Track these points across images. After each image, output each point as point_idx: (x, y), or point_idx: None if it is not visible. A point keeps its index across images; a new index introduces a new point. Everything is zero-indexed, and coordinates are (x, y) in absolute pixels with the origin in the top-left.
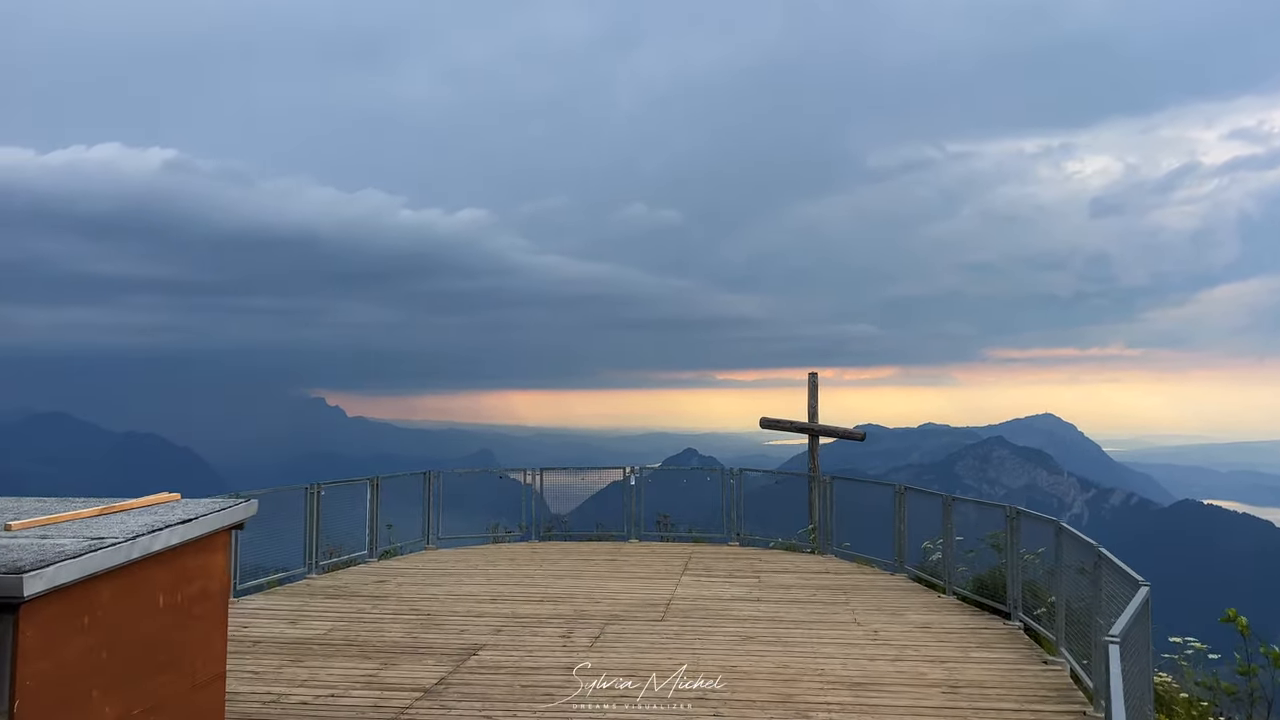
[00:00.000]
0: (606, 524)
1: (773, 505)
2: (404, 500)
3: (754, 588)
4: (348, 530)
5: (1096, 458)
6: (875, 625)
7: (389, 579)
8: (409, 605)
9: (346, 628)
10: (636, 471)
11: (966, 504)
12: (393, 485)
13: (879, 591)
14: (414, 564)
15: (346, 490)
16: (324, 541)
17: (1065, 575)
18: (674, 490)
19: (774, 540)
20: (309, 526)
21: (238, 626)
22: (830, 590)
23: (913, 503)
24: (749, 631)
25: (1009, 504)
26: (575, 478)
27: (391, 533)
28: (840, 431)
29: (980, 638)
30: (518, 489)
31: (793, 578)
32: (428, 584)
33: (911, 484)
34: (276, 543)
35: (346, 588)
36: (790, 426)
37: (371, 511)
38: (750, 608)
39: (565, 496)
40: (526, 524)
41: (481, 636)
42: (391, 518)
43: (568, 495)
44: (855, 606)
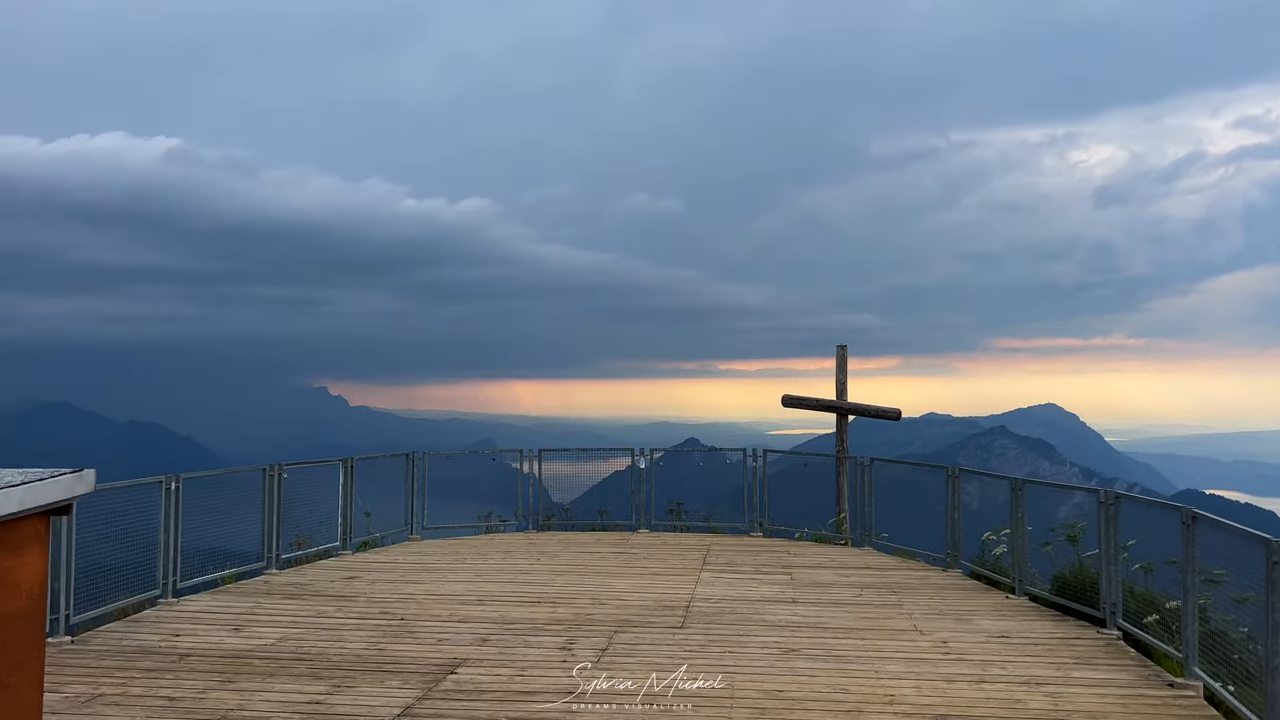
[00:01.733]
0: (613, 512)
1: (793, 491)
2: (386, 486)
3: (787, 586)
4: (320, 519)
5: (1099, 448)
6: (942, 634)
7: (361, 575)
8: (380, 608)
9: (300, 637)
10: (647, 454)
11: (1039, 487)
12: (373, 469)
13: (934, 591)
14: (393, 557)
15: (319, 474)
16: (289, 532)
17: (1197, 576)
18: (686, 476)
19: (800, 530)
20: (267, 514)
21: (167, 635)
22: (877, 590)
23: (967, 488)
24: (791, 642)
25: (1102, 487)
26: (578, 466)
27: (370, 522)
28: (871, 410)
29: (1075, 651)
30: (513, 474)
31: (830, 574)
32: (406, 581)
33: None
34: (232, 532)
35: (310, 586)
36: (816, 405)
37: (345, 498)
38: (786, 611)
39: (567, 485)
40: (523, 512)
41: (463, 648)
42: (372, 505)
43: (569, 484)
44: (911, 610)
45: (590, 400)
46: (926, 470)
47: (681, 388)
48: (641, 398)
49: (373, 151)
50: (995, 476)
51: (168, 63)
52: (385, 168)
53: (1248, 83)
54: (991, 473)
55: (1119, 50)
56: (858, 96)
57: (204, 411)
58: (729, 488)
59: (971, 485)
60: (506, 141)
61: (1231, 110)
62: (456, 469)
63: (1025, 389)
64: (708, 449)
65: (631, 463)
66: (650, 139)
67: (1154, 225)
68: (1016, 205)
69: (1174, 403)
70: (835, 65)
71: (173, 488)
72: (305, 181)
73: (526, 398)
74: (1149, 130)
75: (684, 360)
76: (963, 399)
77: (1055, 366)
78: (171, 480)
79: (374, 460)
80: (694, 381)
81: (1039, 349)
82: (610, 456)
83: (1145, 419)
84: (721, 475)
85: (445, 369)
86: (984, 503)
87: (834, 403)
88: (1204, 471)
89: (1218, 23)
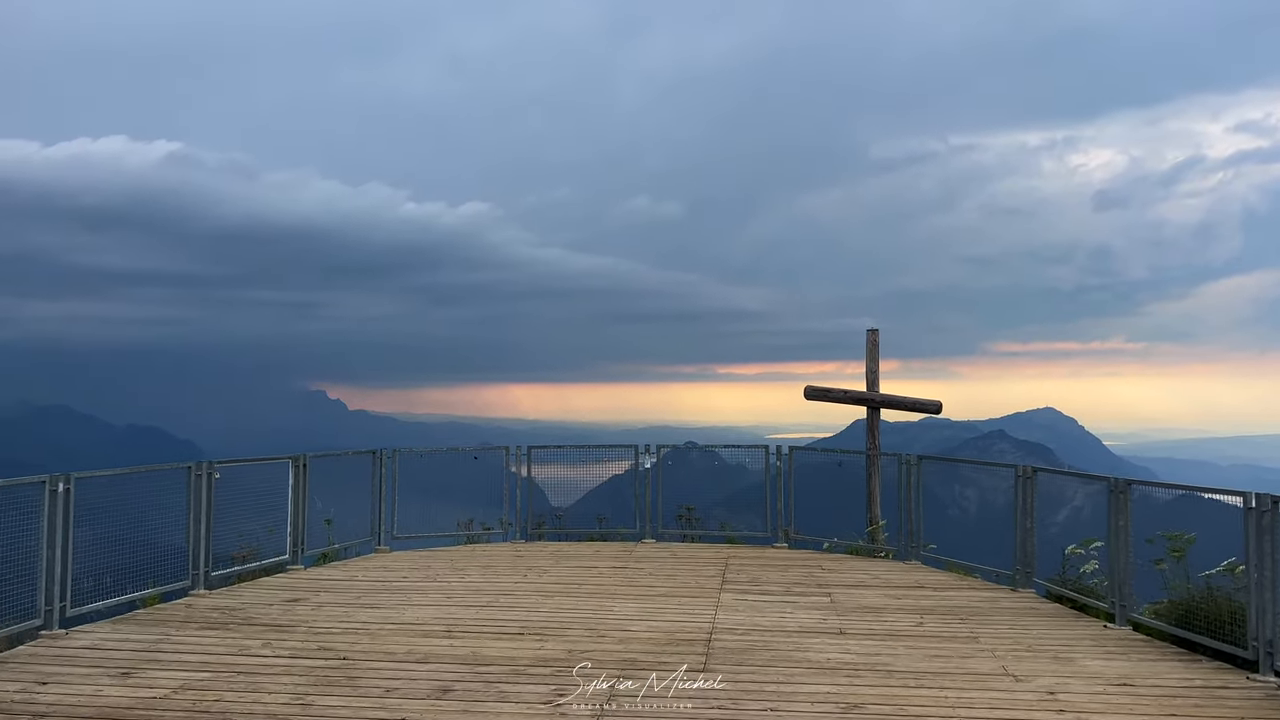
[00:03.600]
0: (613, 519)
1: (813, 495)
2: (355, 489)
3: (829, 612)
4: (275, 527)
5: (1097, 451)
6: (1042, 679)
7: (309, 597)
8: (321, 641)
9: (206, 685)
10: (653, 451)
11: (1148, 487)
12: (338, 470)
13: (1012, 618)
14: (353, 574)
15: (275, 473)
16: (224, 544)
17: None
18: (695, 479)
19: (830, 540)
20: (193, 522)
21: (28, 685)
22: (942, 616)
23: (965, 491)
24: (849, 693)
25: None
26: (574, 469)
27: (331, 531)
28: (909, 402)
29: (1230, 710)
30: (499, 476)
31: (878, 595)
32: (361, 605)
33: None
34: (153, 544)
35: (241, 612)
36: (844, 397)
37: (296, 503)
38: (835, 647)
39: (562, 489)
40: (509, 519)
41: (416, 702)
42: (337, 511)
43: (565, 488)
44: (993, 645)
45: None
46: (981, 471)
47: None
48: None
49: (373, 155)
50: (1084, 476)
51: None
52: (386, 171)
53: (1247, 86)
54: (1079, 471)
55: (1119, 54)
56: (857, 100)
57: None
58: (744, 491)
59: (970, 490)
60: (507, 145)
61: (1231, 114)
62: (435, 470)
63: (1024, 393)
64: (724, 446)
65: (635, 464)
66: (650, 143)
67: (1153, 229)
68: (1016, 209)
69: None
70: (835, 69)
71: (60, 489)
72: (306, 185)
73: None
74: (1149, 134)
75: (683, 364)
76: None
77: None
78: (59, 480)
79: (335, 458)
80: (693, 385)
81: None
82: (609, 457)
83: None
84: (735, 478)
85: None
86: (983, 507)
87: (864, 394)
88: (1202, 476)
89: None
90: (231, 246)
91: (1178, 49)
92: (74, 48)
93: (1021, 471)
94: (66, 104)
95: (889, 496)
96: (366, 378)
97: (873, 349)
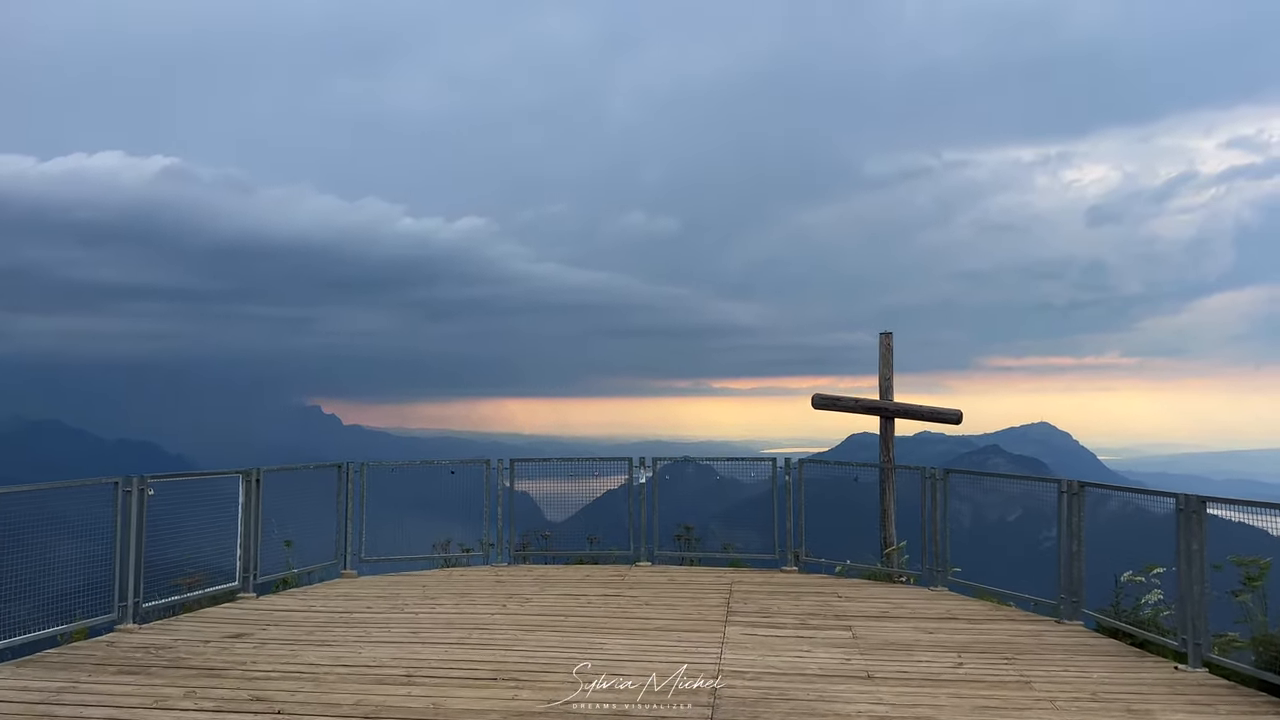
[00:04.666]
0: (605, 539)
1: (818, 512)
2: (319, 507)
3: (851, 649)
4: (228, 547)
5: (1092, 466)
6: None
7: (254, 632)
8: (254, 689)
9: None
10: (649, 465)
11: (1220, 504)
12: (297, 485)
13: (1065, 657)
14: (310, 603)
15: (226, 490)
16: (167, 570)
17: None
18: (693, 495)
19: (843, 563)
20: (120, 546)
21: None
22: (983, 654)
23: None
24: None
25: None
26: (563, 484)
27: (291, 553)
28: (926, 411)
29: None
30: (479, 492)
31: (905, 629)
32: (312, 642)
33: None
34: (77, 573)
35: (171, 650)
36: (856, 406)
37: (247, 522)
38: (865, 696)
39: (550, 506)
40: (491, 539)
41: None
42: (299, 531)
43: (553, 505)
44: (1050, 693)
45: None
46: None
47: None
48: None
49: (370, 170)
50: (1144, 492)
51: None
52: (383, 186)
53: (1240, 103)
54: (1140, 488)
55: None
56: (851, 116)
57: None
58: (746, 508)
59: (964, 505)
60: (503, 160)
61: (1224, 130)
62: (408, 486)
63: (1018, 408)
64: (725, 459)
65: (629, 478)
66: (646, 158)
67: (1146, 244)
68: (1009, 224)
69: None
70: (829, 86)
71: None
72: (302, 200)
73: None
74: (1142, 150)
75: (678, 379)
76: None
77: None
78: None
79: (295, 473)
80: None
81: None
82: (600, 472)
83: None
84: (735, 494)
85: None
86: (977, 523)
87: (878, 403)
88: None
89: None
90: (227, 261)
91: (1171, 65)
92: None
93: (1067, 487)
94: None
95: (905, 515)
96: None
97: (886, 354)
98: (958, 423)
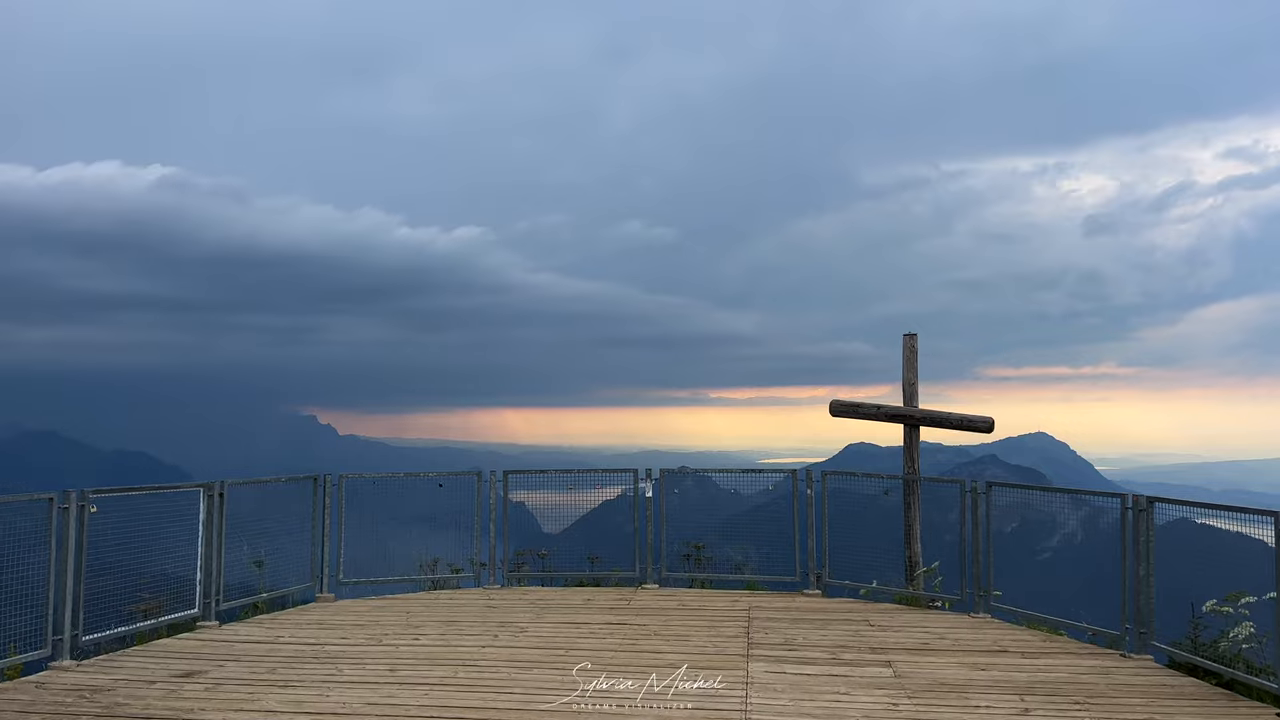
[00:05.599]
0: (607, 557)
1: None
2: (297, 523)
3: (895, 690)
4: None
5: (1090, 476)
6: None
7: (208, 669)
8: None
9: None
10: (654, 477)
11: None
12: (271, 499)
13: (1145, 702)
14: (279, 632)
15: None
16: (111, 596)
17: None
18: (706, 508)
19: (868, 585)
20: (55, 571)
21: None
22: (1050, 699)
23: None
24: None
25: None
26: (563, 496)
27: (263, 575)
28: (955, 419)
29: None
30: (471, 506)
31: (953, 665)
32: (273, 682)
33: None
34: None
35: (109, 693)
36: (879, 413)
37: (209, 542)
38: None
39: (548, 519)
40: (483, 559)
41: None
42: (271, 550)
43: (549, 517)
44: None
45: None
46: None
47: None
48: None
49: (368, 180)
50: (1234, 510)
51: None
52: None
53: (1237, 113)
54: (1233, 505)
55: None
56: (850, 126)
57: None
58: (758, 524)
59: (954, 514)
60: (500, 170)
61: (1221, 140)
62: (393, 500)
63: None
64: (741, 471)
65: (633, 491)
66: (643, 167)
67: (1143, 254)
68: (1007, 234)
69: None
70: (827, 96)
71: None
72: (299, 210)
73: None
74: (1139, 160)
75: (675, 388)
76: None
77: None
78: None
79: (264, 486)
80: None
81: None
82: (600, 483)
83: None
84: (744, 508)
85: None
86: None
87: (903, 410)
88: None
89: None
90: (224, 271)
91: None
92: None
93: (1133, 503)
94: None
95: (930, 532)
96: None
97: (910, 357)
98: (989, 431)
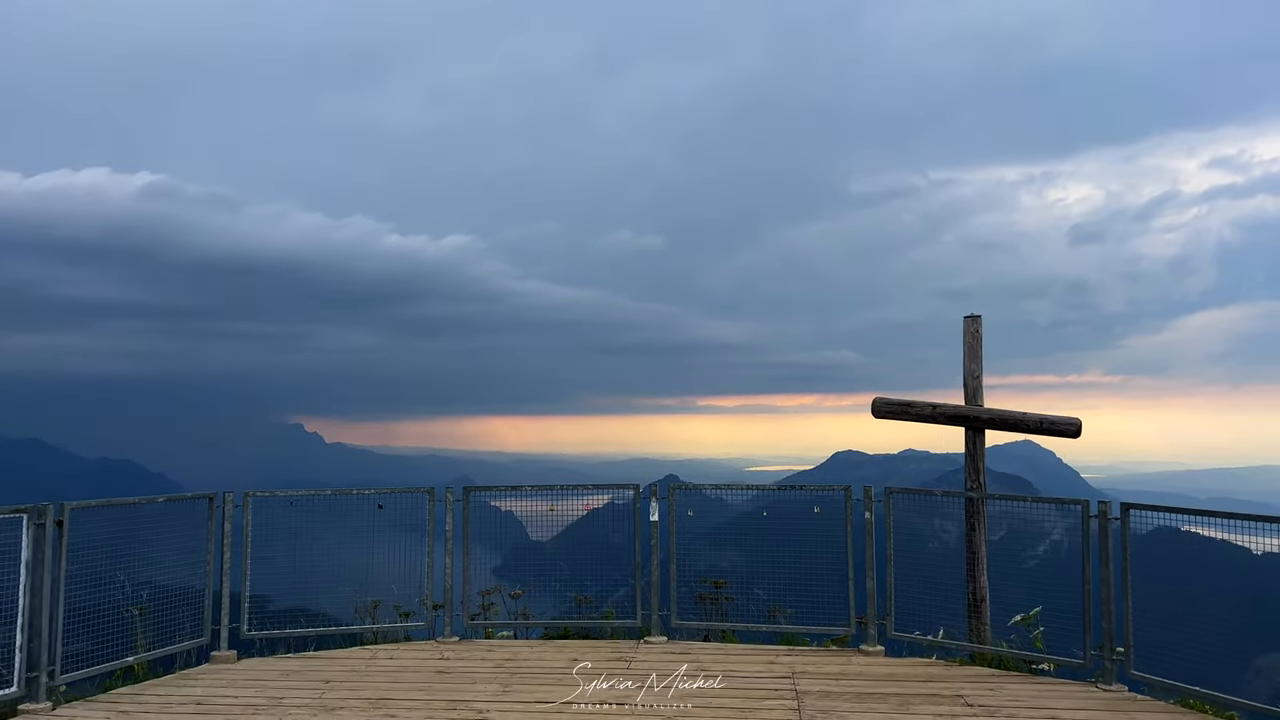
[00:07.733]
0: (599, 597)
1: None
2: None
3: None
4: None
5: (1075, 484)
6: None
7: None
8: None
9: None
10: (659, 495)
11: None
12: (161, 523)
13: None
14: (138, 718)
15: None
16: None
17: None
18: (720, 534)
19: (933, 637)
20: None
21: None
22: None
23: None
24: None
25: None
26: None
27: (141, 627)
28: (1035, 421)
29: None
30: (421, 531)
31: None
32: None
33: None
34: None
35: None
36: (935, 414)
37: (37, 589)
38: None
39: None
40: (438, 600)
41: None
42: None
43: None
44: None
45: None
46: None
47: (661, 423)
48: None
49: (357, 187)
50: None
51: (155, 98)
52: (369, 204)
53: (1223, 124)
54: None
55: (1096, 91)
56: (838, 135)
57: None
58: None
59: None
60: (490, 177)
61: (1206, 150)
62: (322, 526)
63: None
64: (777, 488)
65: (636, 509)
66: (632, 176)
67: (1129, 263)
68: (994, 243)
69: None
70: (816, 104)
71: None
72: (288, 218)
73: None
74: (1125, 169)
75: (664, 396)
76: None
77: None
78: None
79: (134, 509)
80: (674, 417)
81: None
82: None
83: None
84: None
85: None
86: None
87: (965, 410)
88: None
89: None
90: (212, 278)
91: (1154, 86)
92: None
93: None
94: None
95: (1000, 565)
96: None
97: (973, 345)
98: (1076, 435)
